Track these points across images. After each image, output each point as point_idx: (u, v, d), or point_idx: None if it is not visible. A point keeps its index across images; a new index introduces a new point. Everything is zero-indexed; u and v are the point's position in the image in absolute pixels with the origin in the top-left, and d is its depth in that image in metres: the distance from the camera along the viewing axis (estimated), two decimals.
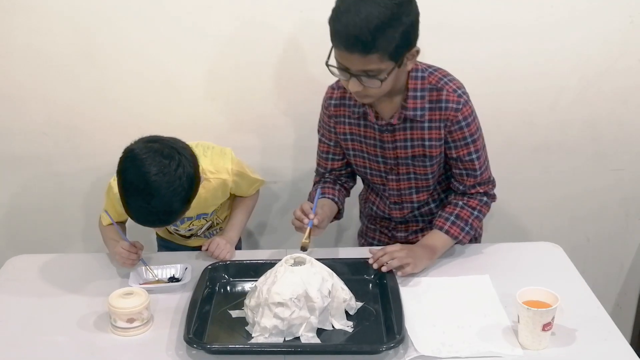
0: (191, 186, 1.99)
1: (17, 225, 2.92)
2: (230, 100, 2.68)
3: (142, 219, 2.01)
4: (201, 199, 2.14)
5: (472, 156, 2.13)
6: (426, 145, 2.12)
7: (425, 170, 2.18)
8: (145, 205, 1.93)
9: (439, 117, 2.07)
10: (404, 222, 2.37)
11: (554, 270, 2.14)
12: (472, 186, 2.19)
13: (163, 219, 2.02)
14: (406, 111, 2.07)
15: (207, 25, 2.54)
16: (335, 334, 1.84)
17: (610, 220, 3.00)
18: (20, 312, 1.98)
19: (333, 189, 2.30)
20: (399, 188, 2.26)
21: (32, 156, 2.76)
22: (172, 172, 1.93)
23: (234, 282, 2.09)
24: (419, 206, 2.30)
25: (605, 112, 2.75)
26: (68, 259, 2.29)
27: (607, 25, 2.58)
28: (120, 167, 1.97)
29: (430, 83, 2.07)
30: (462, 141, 2.11)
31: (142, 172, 1.91)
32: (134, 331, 1.85)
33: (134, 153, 1.95)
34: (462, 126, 2.08)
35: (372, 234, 2.48)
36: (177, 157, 1.96)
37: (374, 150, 2.20)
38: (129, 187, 1.95)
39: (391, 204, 2.31)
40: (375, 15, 1.79)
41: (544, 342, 1.74)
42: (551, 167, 2.86)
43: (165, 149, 1.96)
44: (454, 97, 2.05)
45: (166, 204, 1.94)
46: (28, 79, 2.62)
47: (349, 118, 2.19)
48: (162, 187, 1.91)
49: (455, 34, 2.54)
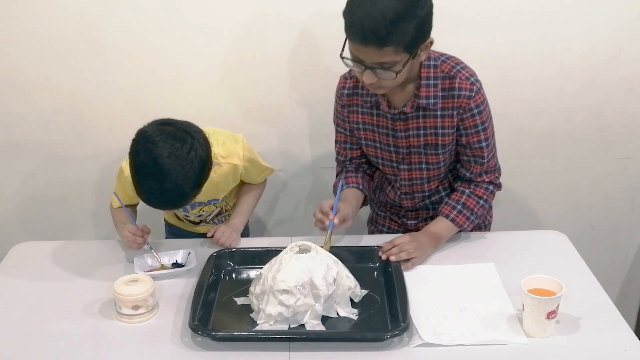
0: (203, 170, 1.99)
1: (22, 212, 2.93)
2: (240, 90, 2.68)
3: (154, 201, 2.02)
4: (212, 184, 2.14)
5: (482, 144, 2.13)
6: (439, 133, 2.12)
7: (437, 158, 2.18)
8: (157, 187, 1.94)
9: (451, 105, 2.07)
10: (414, 209, 2.37)
11: (559, 259, 2.14)
12: (478, 174, 2.19)
13: (174, 201, 2.02)
14: (419, 100, 2.07)
15: (218, 15, 2.53)
16: (340, 322, 1.84)
17: (615, 209, 3.00)
18: (25, 298, 1.99)
19: (356, 177, 2.30)
20: (411, 178, 2.26)
21: (37, 144, 2.77)
22: (184, 155, 1.93)
23: (239, 269, 2.09)
24: (430, 195, 2.30)
25: (611, 101, 2.74)
26: (73, 246, 2.29)
27: (613, 14, 2.57)
28: (132, 148, 1.98)
29: (442, 71, 2.06)
30: (473, 129, 2.10)
31: (154, 154, 1.91)
32: (139, 318, 1.86)
33: (147, 135, 1.95)
34: (474, 114, 2.08)
35: (382, 221, 2.48)
36: (190, 141, 1.96)
37: (386, 140, 2.19)
38: (141, 169, 1.96)
39: (402, 194, 2.31)
40: (390, 9, 1.79)
41: (549, 330, 1.74)
42: (556, 155, 2.85)
43: (178, 132, 1.96)
44: (466, 85, 2.05)
45: (178, 187, 1.94)
46: (33, 67, 2.62)
47: (361, 107, 2.19)
48: (174, 169, 1.91)
49: (461, 23, 2.54)
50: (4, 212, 2.92)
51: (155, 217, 2.42)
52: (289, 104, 2.70)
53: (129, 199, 2.28)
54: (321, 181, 2.83)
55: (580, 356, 1.71)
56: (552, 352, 1.71)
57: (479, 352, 1.71)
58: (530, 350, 1.71)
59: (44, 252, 2.23)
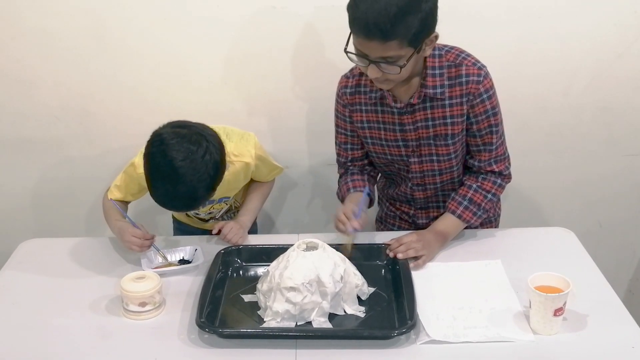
0: (217, 173, 2.00)
1: (29, 209, 2.94)
2: (245, 86, 2.68)
3: (167, 204, 2.02)
4: (224, 182, 2.14)
5: (492, 129, 2.12)
6: (448, 123, 2.11)
7: (447, 149, 2.16)
8: (171, 190, 1.94)
9: (459, 93, 2.06)
10: (424, 207, 2.35)
11: (566, 256, 2.13)
12: (487, 163, 2.17)
13: (188, 204, 2.03)
14: (426, 89, 2.06)
15: (223, 10, 2.53)
16: (347, 319, 1.85)
17: (622, 206, 2.99)
18: (33, 295, 1.99)
19: (362, 181, 2.29)
20: (422, 170, 2.23)
21: (44, 140, 2.77)
22: (198, 158, 1.93)
23: (246, 266, 2.10)
24: (443, 185, 2.28)
25: (619, 97, 2.73)
26: (79, 243, 2.29)
27: (621, 10, 2.56)
28: (147, 150, 1.98)
29: (448, 60, 2.06)
30: (484, 114, 2.09)
31: (169, 157, 1.92)
32: (146, 315, 1.86)
33: (162, 137, 1.96)
34: (484, 99, 2.07)
35: (392, 220, 2.47)
36: (205, 144, 1.97)
37: (394, 135, 2.18)
38: (155, 172, 1.96)
39: (413, 185, 2.29)
40: (394, 3, 1.79)
41: (556, 328, 1.74)
42: (564, 151, 2.85)
43: (193, 135, 1.97)
44: (474, 70, 2.05)
45: (191, 190, 1.94)
46: (39, 62, 2.62)
47: (365, 105, 2.18)
48: (188, 173, 1.92)
49: (468, 19, 2.53)
50: (11, 208, 2.93)
51: (163, 213, 2.41)
52: (295, 100, 2.70)
53: (130, 196, 2.29)
54: (328, 178, 2.82)
55: (587, 353, 1.70)
56: (559, 349, 1.71)
57: (486, 349, 1.71)
58: (537, 348, 1.71)
59: (51, 249, 2.24)
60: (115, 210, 2.25)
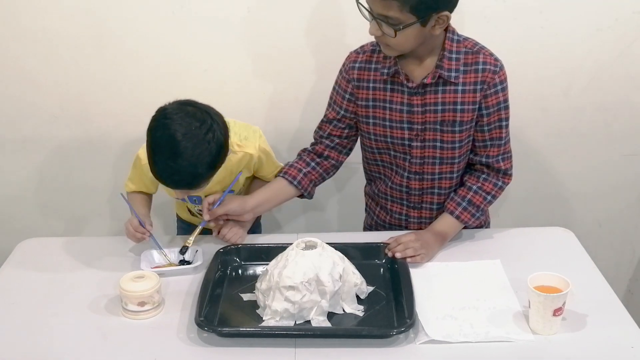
0: (219, 152, 1.99)
1: (29, 208, 2.94)
2: (244, 85, 2.68)
3: (167, 178, 2.01)
4: (227, 171, 2.14)
5: (502, 123, 2.12)
6: (458, 109, 2.09)
7: (452, 136, 2.13)
8: (171, 164, 1.93)
9: (474, 80, 2.06)
10: (417, 205, 2.28)
11: (565, 256, 2.13)
12: (496, 159, 2.16)
13: (188, 180, 2.00)
14: (441, 70, 2.05)
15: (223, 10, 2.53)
16: (346, 318, 1.85)
17: (622, 206, 2.99)
18: (31, 295, 1.99)
19: (299, 170, 2.26)
20: (423, 156, 2.19)
21: (43, 139, 2.77)
22: (201, 135, 1.93)
23: (245, 265, 2.10)
24: (440, 178, 2.22)
25: (619, 97, 2.73)
26: (78, 242, 2.29)
27: (620, 9, 2.56)
28: (150, 124, 1.98)
29: (465, 47, 2.07)
30: (496, 106, 2.09)
31: (171, 130, 1.92)
32: (145, 314, 1.86)
33: (166, 112, 1.96)
34: (497, 90, 2.07)
35: (382, 229, 2.40)
36: (209, 122, 1.97)
37: (400, 116, 2.14)
38: (156, 146, 1.96)
39: (410, 173, 2.23)
40: None
41: (555, 327, 1.74)
42: (564, 152, 2.85)
43: (198, 112, 1.97)
44: (491, 60, 2.06)
45: (191, 166, 1.94)
46: (39, 62, 2.62)
47: (373, 82, 2.15)
48: (189, 148, 1.91)
49: (467, 19, 2.52)
50: (11, 208, 2.93)
51: (168, 212, 2.41)
52: (295, 101, 2.70)
53: (145, 187, 2.30)
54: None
55: (586, 353, 1.70)
56: (558, 349, 1.71)
57: (485, 349, 1.71)
58: (536, 348, 1.71)
59: (50, 249, 2.23)
60: (133, 201, 2.27)
